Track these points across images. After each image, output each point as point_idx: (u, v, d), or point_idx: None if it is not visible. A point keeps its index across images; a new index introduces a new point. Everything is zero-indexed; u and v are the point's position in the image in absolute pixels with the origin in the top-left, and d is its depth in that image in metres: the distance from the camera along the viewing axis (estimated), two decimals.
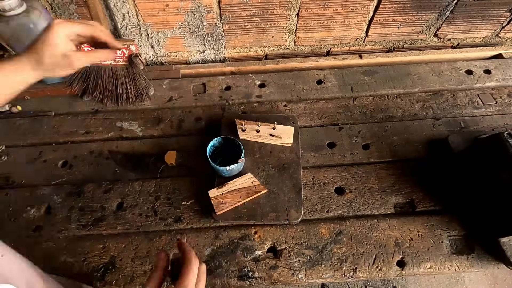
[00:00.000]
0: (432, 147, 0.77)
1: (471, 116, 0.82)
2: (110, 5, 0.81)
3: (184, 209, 0.70)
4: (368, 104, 0.86)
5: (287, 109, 0.85)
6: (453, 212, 0.67)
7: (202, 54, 0.98)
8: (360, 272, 0.61)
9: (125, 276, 0.62)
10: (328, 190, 0.71)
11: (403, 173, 0.73)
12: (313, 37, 0.95)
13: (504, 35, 0.99)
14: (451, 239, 0.64)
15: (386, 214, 0.68)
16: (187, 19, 0.86)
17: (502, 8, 0.89)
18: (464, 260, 0.62)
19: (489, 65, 0.91)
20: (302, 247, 0.64)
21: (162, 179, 0.74)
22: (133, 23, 0.86)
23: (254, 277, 0.61)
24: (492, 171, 0.66)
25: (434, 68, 0.91)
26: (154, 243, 0.66)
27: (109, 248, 0.65)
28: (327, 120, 0.83)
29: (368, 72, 0.91)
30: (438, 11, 0.89)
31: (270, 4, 0.83)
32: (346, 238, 0.65)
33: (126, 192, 0.72)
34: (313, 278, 0.61)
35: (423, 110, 0.84)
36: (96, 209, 0.70)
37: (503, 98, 0.85)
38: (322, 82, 0.90)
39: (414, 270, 0.61)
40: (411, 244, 0.64)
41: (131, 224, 0.68)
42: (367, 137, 0.79)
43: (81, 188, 0.73)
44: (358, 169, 0.74)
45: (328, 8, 0.85)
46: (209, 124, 0.83)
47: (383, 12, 0.88)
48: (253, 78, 0.91)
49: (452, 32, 0.97)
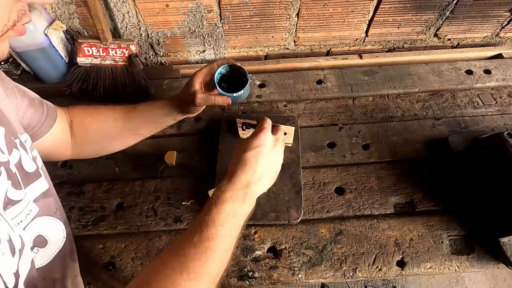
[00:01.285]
0: (432, 147, 0.77)
1: (471, 116, 0.82)
2: (110, 5, 0.81)
3: (184, 209, 0.70)
4: (368, 104, 0.86)
5: (287, 109, 0.85)
6: (453, 212, 0.67)
7: (202, 54, 0.98)
8: (360, 272, 0.61)
9: (125, 276, 0.62)
10: (328, 190, 0.71)
11: (403, 173, 0.73)
12: (313, 37, 0.95)
13: (504, 35, 0.99)
14: (451, 239, 0.64)
15: (386, 214, 0.68)
16: (187, 19, 0.86)
17: (502, 8, 0.89)
18: (464, 260, 0.62)
19: (489, 65, 0.91)
20: (302, 247, 0.64)
21: (162, 179, 0.74)
22: (133, 23, 0.86)
23: (254, 277, 0.61)
24: (492, 171, 0.66)
25: (434, 68, 0.91)
26: (154, 243, 0.66)
27: (109, 248, 0.65)
28: (327, 120, 0.83)
29: (368, 72, 0.91)
30: (438, 11, 0.89)
31: (270, 4, 0.83)
32: (346, 238, 0.65)
33: (126, 192, 0.72)
34: (313, 278, 0.61)
35: (423, 110, 0.84)
36: (96, 209, 0.70)
37: (503, 98, 0.85)
38: (322, 82, 0.90)
39: (414, 270, 0.61)
40: (411, 244, 0.64)
41: (131, 224, 0.68)
42: (367, 137, 0.79)
43: (81, 188, 0.73)
44: (358, 169, 0.74)
45: (328, 8, 0.85)
46: (209, 124, 0.83)
47: (383, 12, 0.88)
48: (253, 78, 0.91)
49: (452, 32, 0.97)
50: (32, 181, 0.42)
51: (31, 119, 0.51)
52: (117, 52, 0.84)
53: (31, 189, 0.42)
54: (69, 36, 0.90)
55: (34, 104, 0.51)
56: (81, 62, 0.84)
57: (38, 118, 0.52)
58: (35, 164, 0.44)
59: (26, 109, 0.49)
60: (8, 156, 0.38)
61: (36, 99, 0.53)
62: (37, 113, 0.52)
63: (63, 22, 0.84)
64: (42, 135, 0.53)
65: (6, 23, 0.31)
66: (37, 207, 0.42)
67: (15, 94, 0.48)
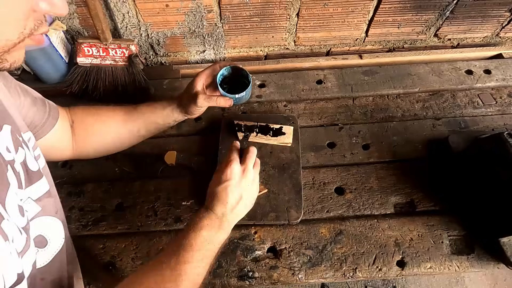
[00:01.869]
0: (432, 147, 0.77)
1: (471, 116, 0.82)
2: (110, 5, 0.81)
3: (184, 209, 0.70)
4: (368, 104, 0.86)
5: (287, 109, 0.85)
6: (453, 212, 0.67)
7: (202, 54, 0.98)
8: (360, 272, 0.61)
9: (125, 276, 0.62)
10: (328, 190, 0.71)
11: (403, 173, 0.73)
12: (313, 37, 0.95)
13: (504, 35, 0.99)
14: (451, 239, 0.64)
15: (386, 214, 0.68)
16: (187, 19, 0.86)
17: (502, 8, 0.89)
18: (464, 260, 0.62)
19: (489, 65, 0.91)
20: (302, 247, 0.64)
21: (162, 179, 0.74)
22: (133, 23, 0.86)
23: (254, 277, 0.61)
24: (492, 171, 0.65)
25: (434, 68, 0.91)
26: (154, 243, 0.66)
27: (109, 248, 0.65)
28: (327, 120, 0.83)
29: (368, 72, 0.91)
30: (438, 11, 0.89)
31: (270, 4, 0.83)
32: (346, 238, 0.65)
33: (126, 192, 0.72)
34: (313, 278, 0.61)
35: (423, 110, 0.84)
36: (96, 209, 0.70)
37: (503, 98, 0.85)
38: (322, 82, 0.90)
39: (414, 270, 0.61)
40: (411, 244, 0.64)
41: (131, 224, 0.68)
42: (367, 137, 0.79)
43: (81, 188, 0.73)
44: (358, 169, 0.74)
45: (328, 8, 0.85)
46: (209, 124, 0.83)
47: (383, 12, 0.88)
48: (253, 78, 0.91)
49: (452, 32, 0.97)
50: (34, 181, 0.42)
51: (34, 118, 0.51)
52: (117, 52, 0.84)
53: (34, 188, 0.42)
54: (69, 36, 0.90)
55: (36, 103, 0.51)
56: (81, 62, 0.84)
57: (40, 117, 0.52)
58: (37, 164, 0.44)
59: (28, 107, 0.50)
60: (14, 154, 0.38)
61: (38, 98, 0.53)
62: (39, 112, 0.52)
63: (63, 22, 0.84)
64: (44, 134, 0.53)
65: (23, 31, 0.30)
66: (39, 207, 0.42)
67: (18, 93, 0.48)
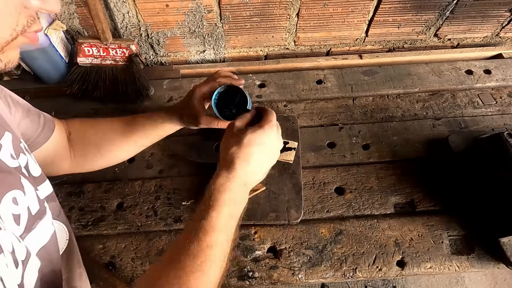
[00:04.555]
0: (432, 147, 0.77)
1: (471, 116, 0.82)
2: (110, 5, 0.81)
3: (184, 209, 0.70)
4: (368, 104, 0.86)
5: (287, 109, 0.85)
6: (453, 212, 0.67)
7: (202, 54, 0.98)
8: (360, 272, 0.61)
9: (125, 276, 0.62)
10: (328, 190, 0.71)
11: (403, 173, 0.73)
12: (313, 37, 0.95)
13: (504, 35, 0.99)
14: (451, 239, 0.64)
15: (386, 214, 0.68)
16: (187, 19, 0.86)
17: (502, 8, 0.89)
18: (464, 260, 0.62)
19: (489, 65, 0.91)
20: (302, 247, 0.64)
21: (162, 179, 0.74)
22: (133, 23, 0.86)
23: (254, 277, 0.61)
24: (492, 171, 0.66)
25: (434, 68, 0.91)
26: (154, 243, 0.66)
27: (109, 248, 0.65)
28: (327, 120, 0.83)
29: (368, 72, 0.91)
30: (438, 11, 0.89)
31: (270, 4, 0.83)
32: (346, 238, 0.65)
33: (126, 192, 0.72)
34: (313, 278, 0.61)
35: (423, 110, 0.84)
36: (96, 209, 0.70)
37: (503, 98, 0.85)
38: (322, 82, 0.90)
39: (414, 270, 0.61)
40: (411, 244, 0.64)
41: (131, 224, 0.68)
42: (367, 137, 0.79)
43: (81, 188, 0.73)
44: (358, 169, 0.74)
45: (328, 8, 0.85)
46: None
47: (383, 12, 0.88)
48: (253, 78, 0.91)
49: (452, 32, 0.97)
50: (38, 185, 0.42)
51: (26, 130, 0.49)
52: (118, 52, 0.84)
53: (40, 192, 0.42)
54: (69, 36, 0.90)
55: (29, 114, 0.50)
56: (81, 62, 0.84)
57: (34, 129, 0.51)
58: (39, 168, 0.44)
59: (20, 119, 0.48)
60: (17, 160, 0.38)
61: (32, 110, 0.51)
62: (33, 124, 0.50)
63: (63, 22, 0.84)
64: (39, 146, 0.52)
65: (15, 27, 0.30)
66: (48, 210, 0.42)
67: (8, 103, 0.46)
